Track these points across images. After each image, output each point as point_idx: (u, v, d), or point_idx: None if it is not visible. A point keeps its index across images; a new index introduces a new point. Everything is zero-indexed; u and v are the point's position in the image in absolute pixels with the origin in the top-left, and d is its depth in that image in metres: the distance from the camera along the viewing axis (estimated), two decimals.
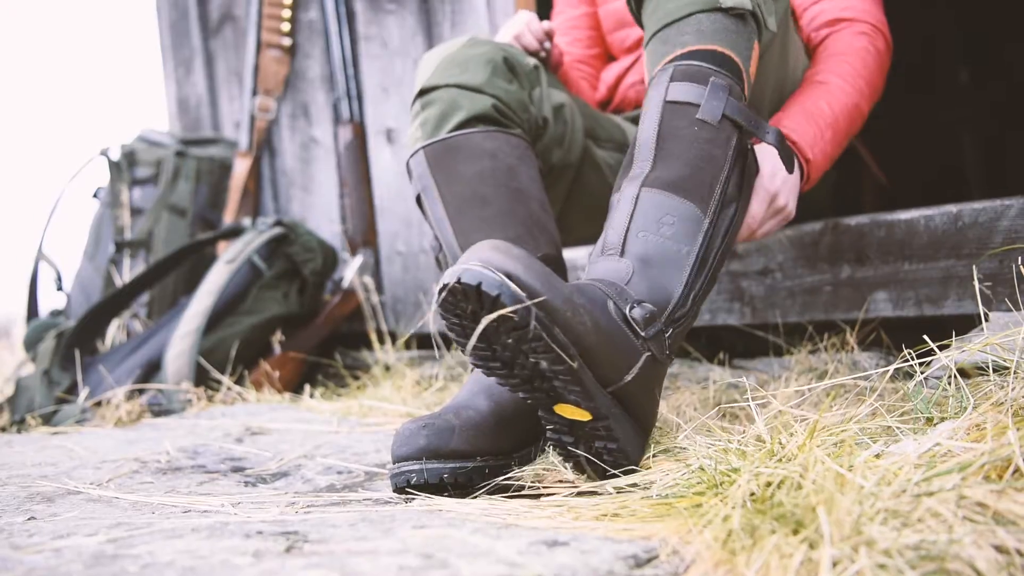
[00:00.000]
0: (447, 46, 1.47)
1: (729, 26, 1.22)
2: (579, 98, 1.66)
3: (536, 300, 0.98)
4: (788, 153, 1.32)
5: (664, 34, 1.25)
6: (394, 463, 1.14)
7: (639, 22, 1.33)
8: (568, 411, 1.07)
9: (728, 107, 1.19)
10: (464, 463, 1.13)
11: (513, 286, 0.98)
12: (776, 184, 1.34)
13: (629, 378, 1.07)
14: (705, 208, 1.17)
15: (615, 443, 1.08)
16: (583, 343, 1.02)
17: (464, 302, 1.01)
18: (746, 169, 1.24)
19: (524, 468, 1.20)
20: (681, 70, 1.21)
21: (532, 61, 1.49)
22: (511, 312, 0.97)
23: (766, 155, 1.34)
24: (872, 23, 1.56)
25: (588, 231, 1.64)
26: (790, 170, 1.34)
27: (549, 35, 1.61)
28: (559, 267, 1.36)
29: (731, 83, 1.21)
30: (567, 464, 1.14)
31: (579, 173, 1.58)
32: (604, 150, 1.62)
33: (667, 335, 1.12)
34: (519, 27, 1.59)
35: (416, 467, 1.12)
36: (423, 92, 1.43)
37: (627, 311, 1.09)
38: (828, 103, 1.44)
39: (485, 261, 0.99)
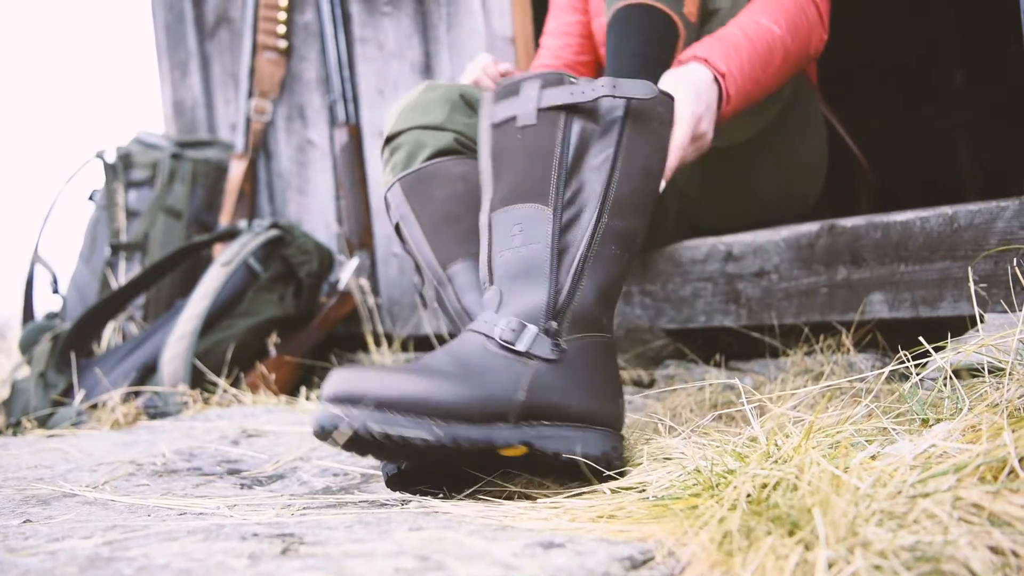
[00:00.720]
0: (407, 96, 1.56)
1: None
2: None
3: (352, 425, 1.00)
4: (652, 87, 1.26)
5: None
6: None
7: None
8: (508, 451, 1.06)
9: (542, 100, 1.20)
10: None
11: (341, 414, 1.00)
12: (695, 109, 1.35)
13: (522, 396, 1.07)
14: (545, 199, 1.17)
15: (573, 452, 1.07)
16: (442, 410, 1.02)
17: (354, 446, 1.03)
18: (609, 128, 1.21)
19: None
20: (499, 90, 1.26)
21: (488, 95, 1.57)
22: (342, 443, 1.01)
23: (674, 85, 1.36)
24: None
25: None
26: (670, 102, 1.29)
27: (505, 76, 1.74)
28: None
29: (545, 77, 1.22)
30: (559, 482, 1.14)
31: None
32: None
33: (560, 327, 1.12)
34: (476, 72, 1.75)
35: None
36: (389, 139, 1.52)
37: (497, 337, 1.10)
38: (738, 27, 1.48)
39: (332, 402, 1.02)
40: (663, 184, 1.29)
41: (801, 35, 1.55)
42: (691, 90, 1.35)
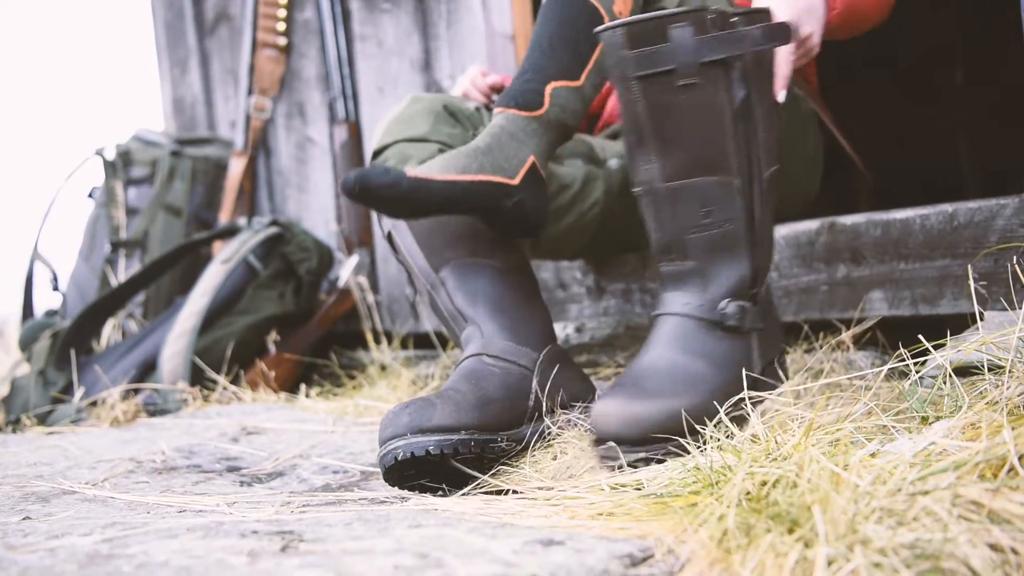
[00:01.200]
0: (393, 110, 1.58)
1: None
2: None
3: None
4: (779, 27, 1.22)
5: None
6: (381, 446, 1.17)
7: None
8: None
9: (703, 52, 1.12)
10: (448, 436, 1.16)
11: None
12: (793, 12, 1.28)
13: (759, 366, 1.20)
14: (728, 170, 1.16)
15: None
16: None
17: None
18: (752, 74, 1.16)
19: (516, 446, 1.23)
20: (636, 31, 1.14)
21: (473, 104, 1.60)
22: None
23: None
24: None
25: (554, 244, 1.69)
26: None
27: (495, 88, 1.77)
28: (528, 276, 1.41)
29: (692, 17, 1.13)
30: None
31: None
32: (567, 166, 1.62)
33: (759, 291, 1.21)
34: (465, 85, 1.79)
35: (401, 443, 1.15)
36: (376, 154, 1.53)
37: (720, 319, 1.17)
38: None
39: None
40: (781, 99, 1.26)
41: None
42: None
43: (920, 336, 1.21)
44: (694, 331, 1.16)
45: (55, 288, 2.56)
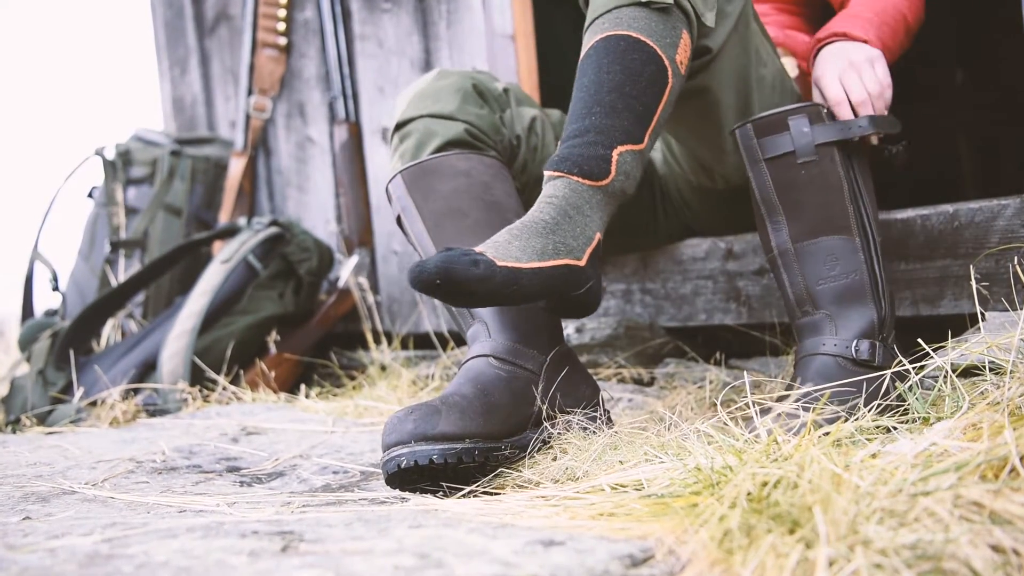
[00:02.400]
0: (419, 82, 1.55)
1: (651, 17, 1.26)
2: (551, 111, 1.71)
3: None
4: (888, 129, 1.42)
5: (593, 26, 1.30)
6: (384, 451, 1.16)
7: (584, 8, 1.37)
8: None
9: (816, 136, 1.34)
10: (453, 444, 1.15)
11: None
12: (836, 75, 1.44)
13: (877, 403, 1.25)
14: (849, 231, 1.33)
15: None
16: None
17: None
18: (853, 150, 1.38)
19: (519, 453, 1.22)
20: (760, 125, 1.36)
21: (501, 85, 1.58)
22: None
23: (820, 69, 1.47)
24: None
25: None
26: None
27: None
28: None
29: (806, 110, 1.35)
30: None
31: None
32: None
33: (886, 336, 1.31)
34: None
35: (406, 451, 1.14)
36: (400, 126, 1.51)
37: (853, 356, 1.28)
38: (865, 5, 1.54)
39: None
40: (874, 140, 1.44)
41: (916, 11, 1.60)
42: (833, 65, 1.45)
43: (920, 338, 1.21)
44: (833, 366, 1.27)
45: (55, 288, 2.55)
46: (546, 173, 1.22)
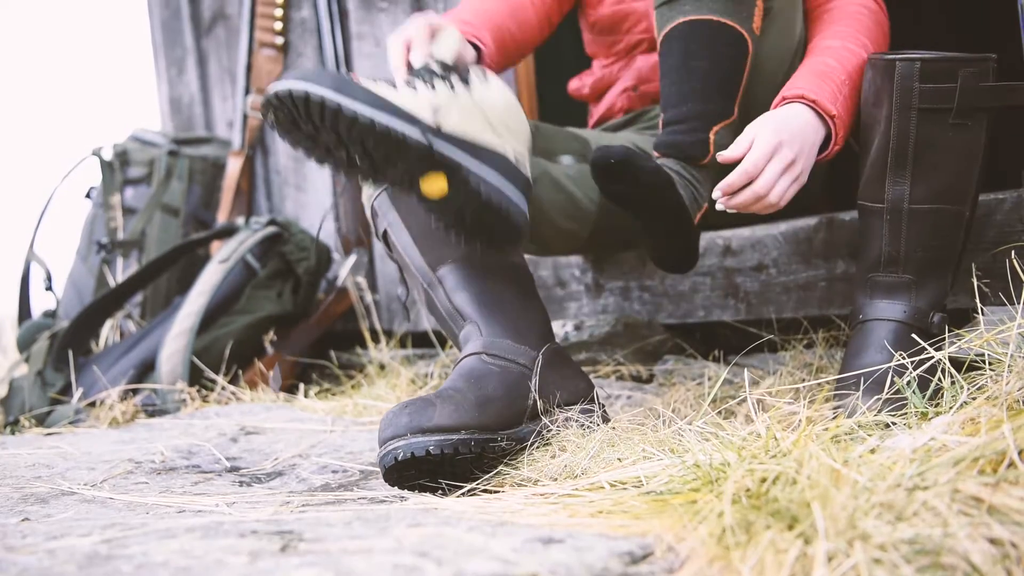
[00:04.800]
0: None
1: None
2: (544, 125, 1.65)
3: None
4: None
5: (670, 5, 1.36)
6: (380, 446, 1.17)
7: None
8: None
9: (981, 98, 1.26)
10: (448, 436, 1.16)
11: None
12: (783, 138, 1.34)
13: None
14: (964, 203, 1.29)
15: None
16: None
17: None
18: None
19: (516, 446, 1.22)
20: (928, 66, 1.26)
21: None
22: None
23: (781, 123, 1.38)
24: None
25: (561, 246, 1.68)
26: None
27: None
28: (526, 274, 1.41)
29: (978, 67, 1.25)
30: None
31: (537, 193, 1.53)
32: (561, 163, 1.60)
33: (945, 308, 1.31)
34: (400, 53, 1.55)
35: (402, 444, 1.15)
36: None
37: (928, 327, 1.28)
38: (837, 61, 1.42)
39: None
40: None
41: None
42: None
43: (915, 336, 1.21)
44: (905, 335, 1.27)
45: (48, 288, 2.55)
46: (653, 155, 1.38)
